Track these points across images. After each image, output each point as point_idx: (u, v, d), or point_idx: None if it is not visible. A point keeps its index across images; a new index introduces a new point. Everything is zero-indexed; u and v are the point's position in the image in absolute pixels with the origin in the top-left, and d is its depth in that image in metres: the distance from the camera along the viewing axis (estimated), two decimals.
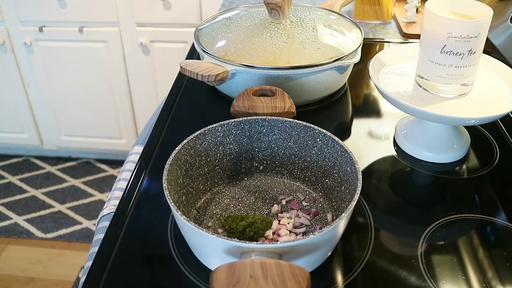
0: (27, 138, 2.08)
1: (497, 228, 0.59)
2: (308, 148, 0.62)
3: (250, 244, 0.44)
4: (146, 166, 0.68)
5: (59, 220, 1.90)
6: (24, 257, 1.76)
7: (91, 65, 1.83)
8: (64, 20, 1.74)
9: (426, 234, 0.57)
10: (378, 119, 0.80)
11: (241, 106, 0.69)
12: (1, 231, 1.85)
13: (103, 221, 0.67)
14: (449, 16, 0.64)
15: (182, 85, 0.88)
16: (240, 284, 0.40)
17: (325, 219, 0.58)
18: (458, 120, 0.63)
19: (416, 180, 0.69)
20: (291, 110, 0.69)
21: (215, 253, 0.48)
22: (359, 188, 0.51)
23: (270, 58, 0.76)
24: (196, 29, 0.85)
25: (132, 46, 1.77)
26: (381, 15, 1.14)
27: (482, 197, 0.64)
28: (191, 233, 0.49)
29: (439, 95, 0.67)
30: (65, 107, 1.96)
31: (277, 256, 0.44)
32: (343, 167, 0.57)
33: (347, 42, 0.81)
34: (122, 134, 2.02)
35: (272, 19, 0.82)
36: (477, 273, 0.52)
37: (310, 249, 0.47)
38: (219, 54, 0.77)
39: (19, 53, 1.84)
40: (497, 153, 0.71)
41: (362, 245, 0.56)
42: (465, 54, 0.63)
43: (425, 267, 0.53)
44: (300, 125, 0.61)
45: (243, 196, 0.62)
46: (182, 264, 0.53)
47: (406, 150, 0.71)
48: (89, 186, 2.07)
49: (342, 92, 0.86)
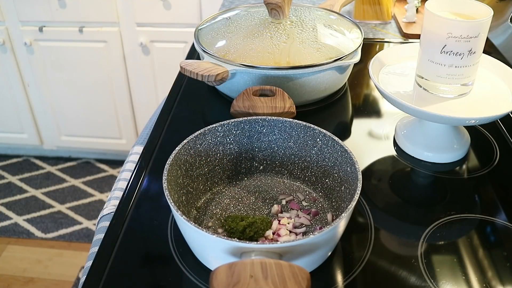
0: (27, 138, 2.08)
1: (497, 228, 0.59)
2: (308, 148, 0.62)
3: (250, 244, 0.44)
4: (146, 166, 0.68)
5: (59, 220, 1.90)
6: (24, 257, 1.76)
7: (91, 65, 1.83)
8: (64, 20, 1.74)
9: (426, 234, 0.57)
10: (378, 119, 0.80)
11: (241, 106, 0.69)
12: (1, 231, 1.85)
13: (103, 221, 0.67)
14: (449, 16, 0.64)
15: (182, 85, 0.88)
16: (240, 284, 0.40)
17: (325, 219, 0.58)
18: (458, 120, 0.63)
19: (416, 180, 0.69)
20: (291, 110, 0.69)
21: (215, 253, 0.48)
22: (359, 188, 0.51)
23: (270, 58, 0.76)
24: (196, 29, 0.85)
25: (132, 46, 1.77)
26: (381, 15, 1.14)
27: (482, 197, 0.64)
28: (191, 233, 0.49)
29: (439, 95, 0.67)
30: (65, 107, 1.96)
31: (277, 256, 0.44)
32: (343, 167, 0.57)
33: (347, 42, 0.81)
34: (122, 134, 2.02)
35: (272, 19, 0.82)
36: (477, 273, 0.52)
37: (310, 249, 0.47)
38: (219, 54, 0.77)
39: (19, 53, 1.84)
40: (497, 153, 0.71)
41: (362, 245, 0.56)
42: (465, 54, 0.63)
43: (425, 267, 0.53)
44: (300, 125, 0.61)
45: (243, 196, 0.62)
46: (182, 264, 0.53)
47: (406, 150, 0.71)
48: (89, 186, 2.07)
49: (342, 92, 0.86)
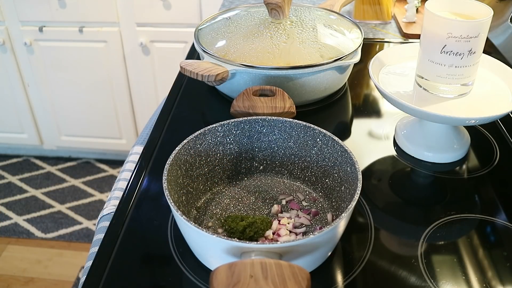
0: (27, 138, 2.08)
1: (497, 228, 0.59)
2: (308, 148, 0.62)
3: (250, 244, 0.44)
4: (146, 166, 0.68)
5: (59, 220, 1.90)
6: (24, 257, 1.76)
7: (91, 65, 1.83)
8: (64, 20, 1.74)
9: (426, 234, 0.57)
10: (378, 119, 0.80)
11: (241, 106, 0.69)
12: (1, 231, 1.85)
13: (103, 221, 0.67)
14: (449, 16, 0.64)
15: (182, 85, 0.88)
16: (240, 284, 0.40)
17: (325, 219, 0.58)
18: (458, 120, 0.63)
19: (416, 180, 0.68)
20: (291, 110, 0.69)
21: (215, 253, 0.48)
22: (359, 188, 0.51)
23: (270, 58, 0.76)
24: (196, 29, 0.85)
25: (132, 46, 1.77)
26: (381, 15, 1.14)
27: (482, 197, 0.64)
28: (191, 233, 0.49)
29: (439, 95, 0.67)
30: (65, 107, 1.96)
31: (277, 256, 0.44)
32: (343, 167, 0.57)
33: (347, 42, 0.81)
34: (122, 134, 2.02)
35: (272, 19, 0.82)
36: (477, 273, 0.52)
37: (310, 249, 0.47)
38: (219, 54, 0.77)
39: (19, 53, 1.84)
40: (497, 153, 0.71)
41: (362, 245, 0.56)
42: (465, 54, 0.63)
43: (425, 267, 0.53)
44: (300, 125, 0.61)
45: (243, 196, 0.62)
46: (182, 264, 0.53)
47: (406, 150, 0.71)
48: (89, 186, 2.07)
49: (342, 92, 0.86)
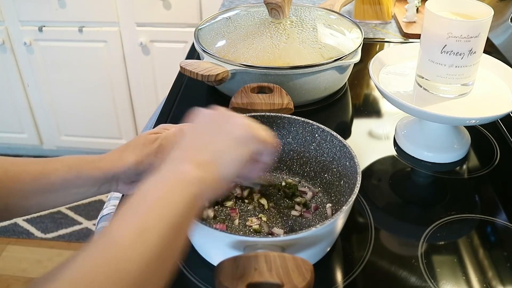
0: (27, 138, 2.08)
1: (497, 228, 0.59)
2: (307, 143, 0.62)
3: (253, 237, 0.46)
4: None
5: (59, 220, 1.90)
6: (24, 257, 1.75)
7: (91, 65, 1.83)
8: (64, 20, 1.74)
9: (426, 234, 0.57)
10: (378, 119, 0.80)
11: (239, 103, 0.69)
12: (1, 231, 1.85)
13: (103, 221, 0.67)
14: (449, 16, 0.64)
15: (182, 85, 0.88)
16: (245, 276, 0.40)
17: (325, 213, 0.58)
18: (458, 120, 0.63)
19: (416, 180, 0.68)
20: (289, 106, 0.70)
21: (218, 248, 0.48)
22: (359, 182, 0.51)
23: (270, 58, 0.76)
24: (196, 29, 0.85)
25: (132, 46, 1.77)
26: (381, 15, 1.14)
27: (482, 197, 0.64)
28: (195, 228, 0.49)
29: (439, 95, 0.67)
30: (65, 107, 1.96)
31: (280, 249, 0.45)
32: (342, 162, 0.57)
33: (347, 42, 0.81)
34: (122, 134, 2.02)
35: (272, 19, 0.82)
36: (477, 273, 0.52)
37: (312, 242, 0.48)
38: (219, 54, 0.77)
39: (19, 53, 1.84)
40: (498, 153, 0.71)
41: (362, 245, 0.56)
42: (465, 54, 0.63)
43: (425, 267, 0.53)
44: (298, 121, 0.61)
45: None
46: (182, 264, 0.53)
47: (406, 150, 0.71)
48: None
49: (342, 92, 0.85)
